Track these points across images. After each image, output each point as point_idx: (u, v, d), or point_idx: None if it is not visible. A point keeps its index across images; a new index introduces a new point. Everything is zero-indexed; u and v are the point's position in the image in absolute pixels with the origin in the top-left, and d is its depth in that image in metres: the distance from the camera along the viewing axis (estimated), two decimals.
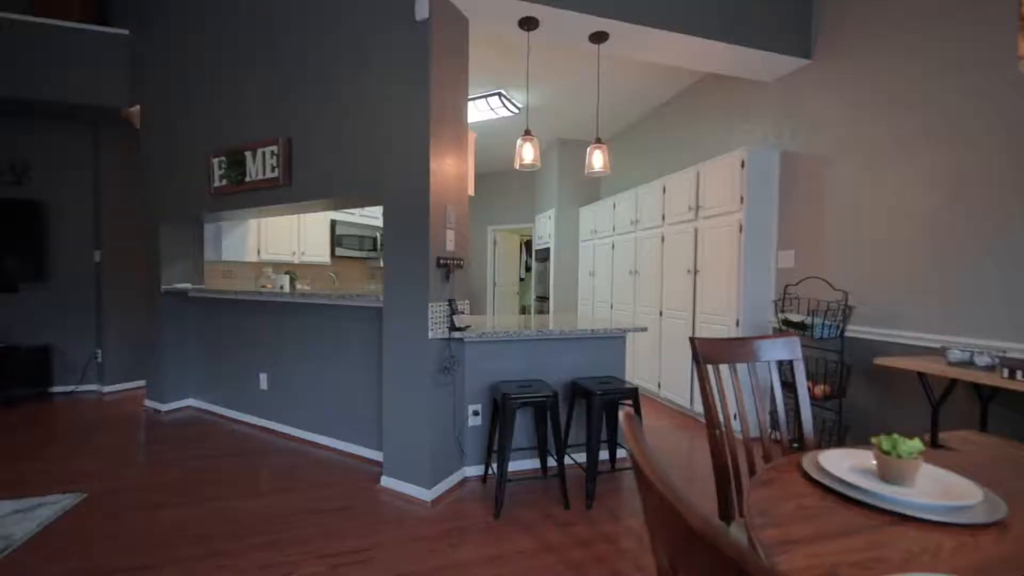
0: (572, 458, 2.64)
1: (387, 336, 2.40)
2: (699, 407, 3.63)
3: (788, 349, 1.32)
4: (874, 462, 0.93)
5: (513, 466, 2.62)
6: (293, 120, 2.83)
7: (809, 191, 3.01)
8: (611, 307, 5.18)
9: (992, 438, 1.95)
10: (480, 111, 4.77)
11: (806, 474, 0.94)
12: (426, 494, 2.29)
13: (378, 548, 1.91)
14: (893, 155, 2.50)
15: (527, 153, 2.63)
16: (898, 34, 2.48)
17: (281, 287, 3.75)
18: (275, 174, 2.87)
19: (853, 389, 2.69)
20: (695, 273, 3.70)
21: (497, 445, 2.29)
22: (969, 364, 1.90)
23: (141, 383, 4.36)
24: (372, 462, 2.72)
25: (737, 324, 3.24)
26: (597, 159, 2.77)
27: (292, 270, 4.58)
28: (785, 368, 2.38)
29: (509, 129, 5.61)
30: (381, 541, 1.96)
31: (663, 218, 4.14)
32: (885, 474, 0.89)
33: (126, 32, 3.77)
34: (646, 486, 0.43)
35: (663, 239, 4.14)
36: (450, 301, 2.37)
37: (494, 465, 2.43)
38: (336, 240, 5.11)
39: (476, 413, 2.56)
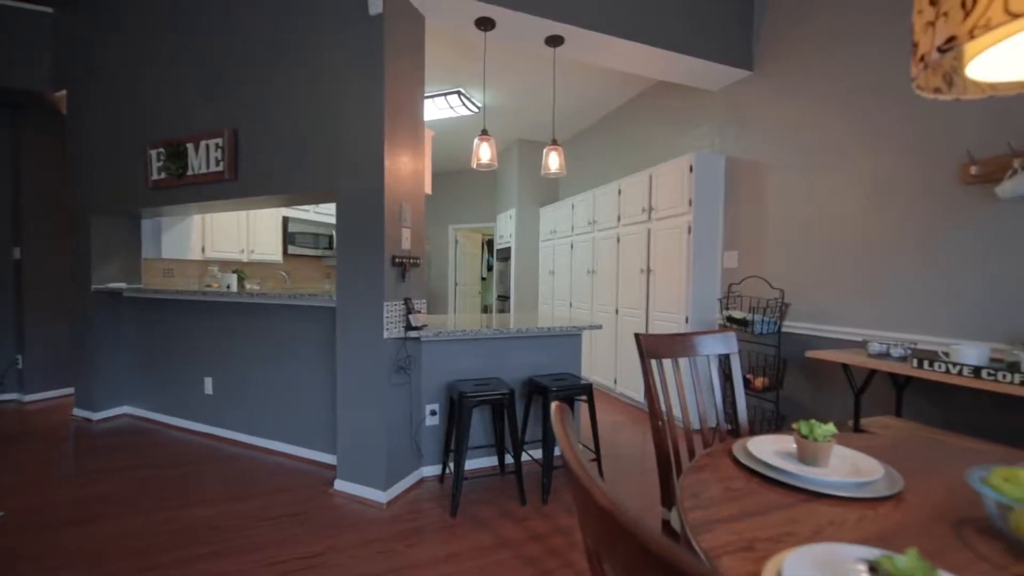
0: (529, 454, 2.68)
1: (341, 336, 2.35)
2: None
3: (724, 344, 1.40)
4: (795, 446, 1.01)
5: (471, 464, 2.64)
6: (240, 112, 2.71)
7: (751, 195, 3.20)
8: (570, 306, 5.28)
9: (906, 422, 2.16)
10: (439, 109, 4.74)
11: (736, 459, 1.02)
12: (381, 496, 2.26)
13: (331, 553, 1.87)
14: (824, 164, 2.70)
15: (484, 153, 2.65)
16: (825, 53, 2.68)
17: (228, 287, 3.58)
18: (220, 168, 2.74)
19: (789, 380, 2.89)
20: (648, 272, 3.84)
21: (454, 444, 2.30)
22: (886, 356, 2.09)
23: (69, 391, 4.03)
24: (326, 466, 2.66)
25: (686, 321, 3.40)
26: (553, 160, 2.82)
27: (241, 269, 4.38)
28: (725, 361, 2.52)
29: (470, 128, 5.60)
30: (334, 545, 1.92)
31: (619, 219, 4.27)
32: (803, 456, 0.97)
33: (50, 11, 3.47)
34: (570, 473, 0.46)
35: (619, 239, 4.28)
36: (406, 300, 2.35)
37: (452, 464, 2.44)
38: (289, 238, 4.93)
39: (434, 413, 2.56)
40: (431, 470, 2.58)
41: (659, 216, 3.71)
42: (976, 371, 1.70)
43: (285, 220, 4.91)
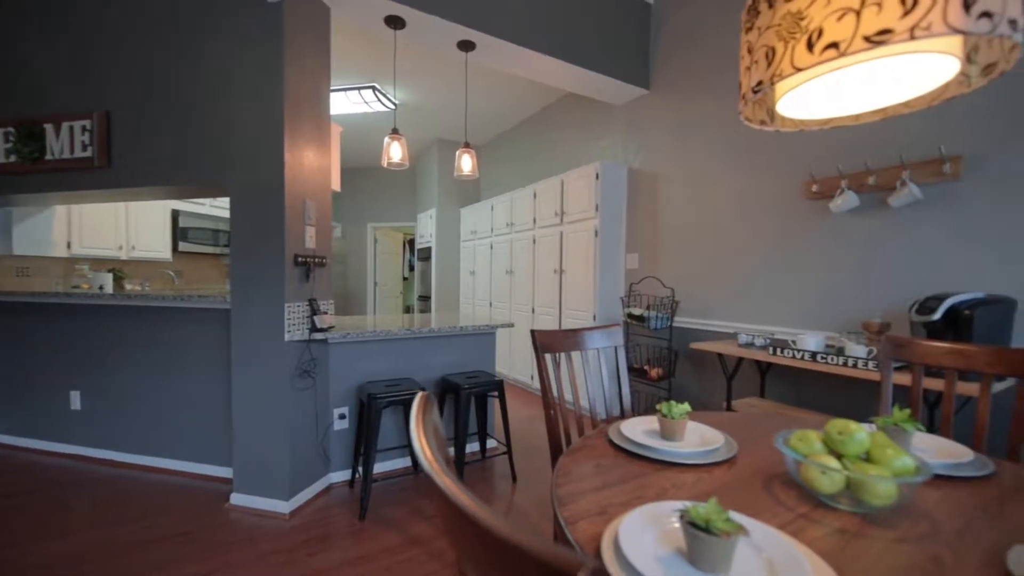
0: None
1: (237, 340, 2.20)
2: (566, 395, 3.98)
3: (608, 338, 1.55)
4: (659, 425, 1.16)
5: (383, 467, 2.61)
6: (115, 92, 2.42)
7: (648, 203, 3.51)
8: (491, 305, 5.38)
9: (767, 401, 2.51)
10: (353, 103, 4.58)
11: (610, 440, 1.14)
12: (284, 506, 2.16)
13: (225, 569, 1.76)
14: (705, 177, 3.04)
15: (395, 152, 2.63)
16: (706, 77, 3.03)
17: (101, 288, 3.16)
18: (88, 154, 2.42)
19: (680, 370, 3.21)
20: (561, 273, 4.04)
21: (364, 447, 2.26)
22: (751, 345, 2.42)
23: None
24: (222, 480, 2.47)
25: (594, 318, 3.64)
26: (466, 163, 2.88)
27: (118, 268, 3.89)
28: (621, 353, 2.73)
29: (390, 124, 5.47)
30: (229, 561, 1.81)
31: (534, 222, 4.44)
32: (664, 432, 1.12)
33: None
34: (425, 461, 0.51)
35: (535, 241, 4.44)
36: (311, 301, 2.26)
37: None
38: (180, 233, 4.46)
39: (343, 416, 2.48)
40: (340, 476, 2.51)
41: (570, 220, 3.92)
42: (813, 356, 2.04)
43: (175, 214, 4.44)
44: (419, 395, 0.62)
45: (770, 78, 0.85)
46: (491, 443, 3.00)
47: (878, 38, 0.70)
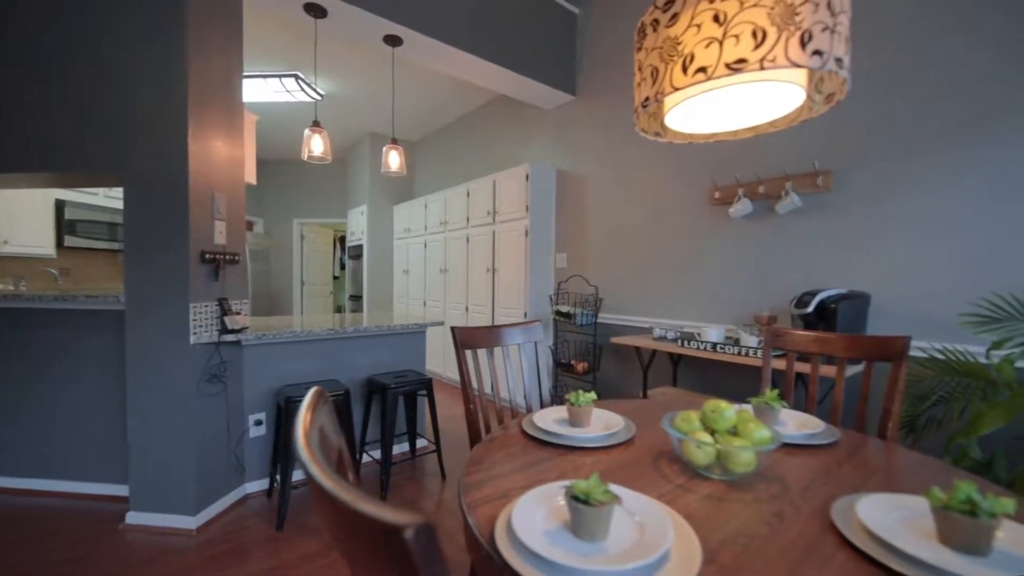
0: (370, 455, 2.65)
1: (133, 344, 2.01)
2: (512, 395, 4.04)
3: (527, 334, 1.61)
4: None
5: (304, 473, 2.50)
6: None
7: (575, 204, 3.66)
8: (425, 304, 5.32)
9: (678, 390, 2.73)
10: (275, 92, 4.32)
11: (523, 430, 1.20)
12: (190, 522, 2.01)
13: None
14: (624, 182, 3.24)
15: (316, 145, 2.53)
16: (624, 88, 3.22)
17: None
18: None
19: (604, 363, 3.39)
20: (494, 272, 4.10)
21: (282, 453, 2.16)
22: (664, 339, 2.62)
23: None
24: (118, 499, 2.24)
25: (525, 316, 3.73)
26: (393, 159, 2.83)
27: None
28: (542, 349, 2.82)
29: (320, 115, 5.22)
30: None
31: (468, 220, 4.46)
32: (572, 419, 1.19)
33: None
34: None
35: (468, 240, 4.46)
36: (221, 301, 2.12)
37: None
38: (66, 226, 3.96)
39: (259, 423, 2.35)
40: (257, 485, 2.37)
41: (502, 219, 3.99)
42: (714, 346, 2.25)
43: (59, 204, 3.93)
44: (312, 390, 0.63)
45: (655, 95, 0.94)
46: (422, 442, 2.98)
47: (736, 66, 0.81)
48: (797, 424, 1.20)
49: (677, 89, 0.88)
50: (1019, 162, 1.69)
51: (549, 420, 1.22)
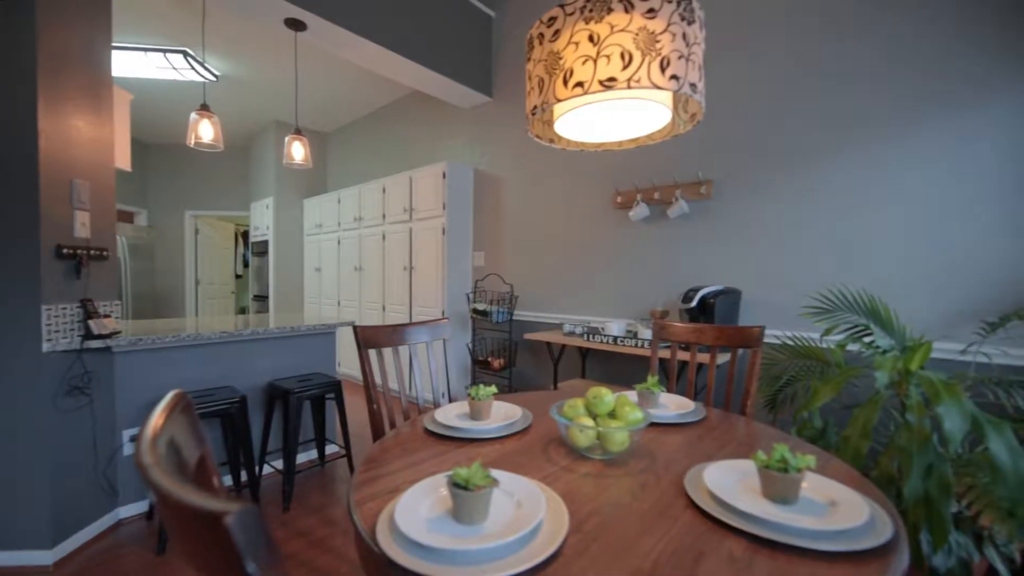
0: (272, 466, 2.49)
1: None
2: (419, 392, 3.99)
3: (433, 333, 1.63)
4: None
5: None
6: None
7: (492, 204, 3.73)
8: (339, 304, 5.08)
9: (586, 381, 2.89)
10: (158, 68, 3.85)
11: (424, 426, 1.21)
12: (46, 557, 1.74)
13: None
14: (539, 184, 3.36)
15: (205, 131, 2.31)
16: None
17: None
18: None
19: (520, 359, 3.49)
20: (411, 270, 4.03)
21: None
22: (572, 334, 2.76)
23: None
24: None
25: (443, 314, 3.72)
26: (297, 150, 2.67)
27: None
28: (450, 347, 2.84)
29: (214, 97, 4.75)
30: None
31: (384, 217, 4.33)
32: (473, 414, 1.23)
33: None
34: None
35: (384, 237, 4.34)
36: (84, 302, 1.86)
37: None
38: None
39: (135, 439, 2.10)
40: (135, 508, 2.12)
41: (419, 217, 3.93)
42: (615, 339, 2.43)
43: None
44: (171, 394, 0.59)
45: (542, 104, 1.00)
46: (332, 448, 2.86)
47: (608, 83, 0.89)
48: (674, 405, 1.35)
49: (560, 100, 0.95)
50: (855, 183, 2.03)
51: (451, 415, 1.24)
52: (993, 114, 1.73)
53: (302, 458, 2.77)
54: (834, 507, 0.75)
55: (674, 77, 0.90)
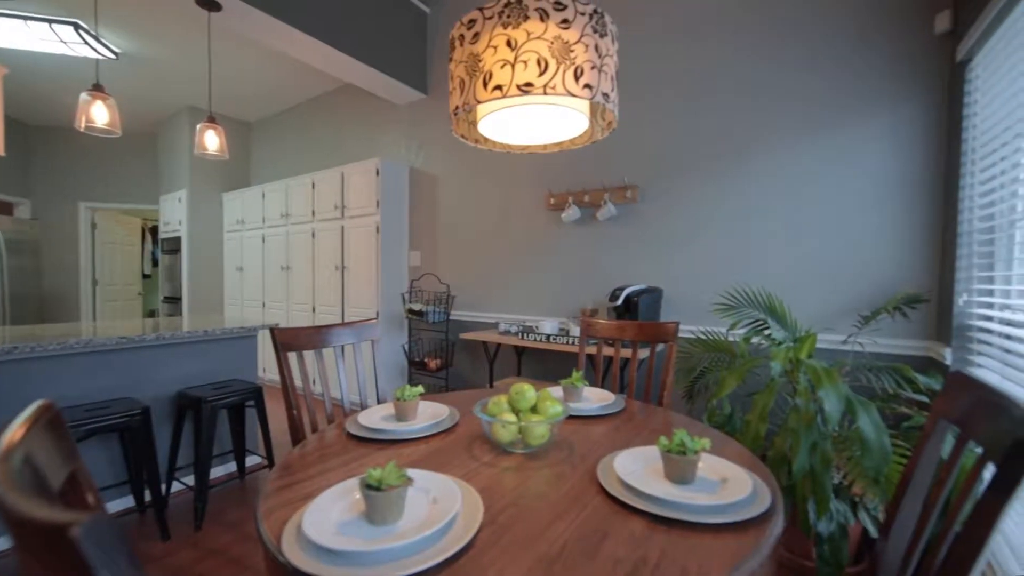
0: (183, 483, 2.29)
1: None
2: (345, 396, 3.84)
3: (359, 334, 1.58)
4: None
5: None
6: None
7: (429, 202, 3.68)
8: (264, 306, 4.76)
9: (522, 379, 2.94)
10: (43, 39, 3.39)
11: (346, 430, 1.17)
12: None
13: None
14: (476, 183, 3.37)
15: (98, 114, 2.07)
16: None
17: None
18: None
19: (457, 359, 3.48)
20: (343, 269, 3.88)
21: None
22: (508, 333, 2.80)
23: None
24: None
25: (377, 315, 3.61)
26: (210, 140, 2.48)
27: None
28: (379, 348, 2.78)
29: (120, 79, 4.26)
30: None
31: (313, 214, 4.13)
32: (398, 415, 1.21)
33: None
34: None
35: (314, 235, 4.13)
36: None
37: None
38: None
39: None
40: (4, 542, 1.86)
41: (351, 214, 3.79)
42: (548, 337, 2.49)
43: None
44: (34, 405, 0.53)
45: (463, 105, 1.01)
46: (254, 459, 2.68)
47: (525, 88, 0.92)
48: (597, 399, 1.41)
49: (480, 102, 0.97)
50: (755, 192, 2.24)
51: (375, 418, 1.22)
52: (861, 137, 1.99)
53: (219, 472, 2.57)
54: (725, 484, 0.83)
55: (588, 86, 0.95)
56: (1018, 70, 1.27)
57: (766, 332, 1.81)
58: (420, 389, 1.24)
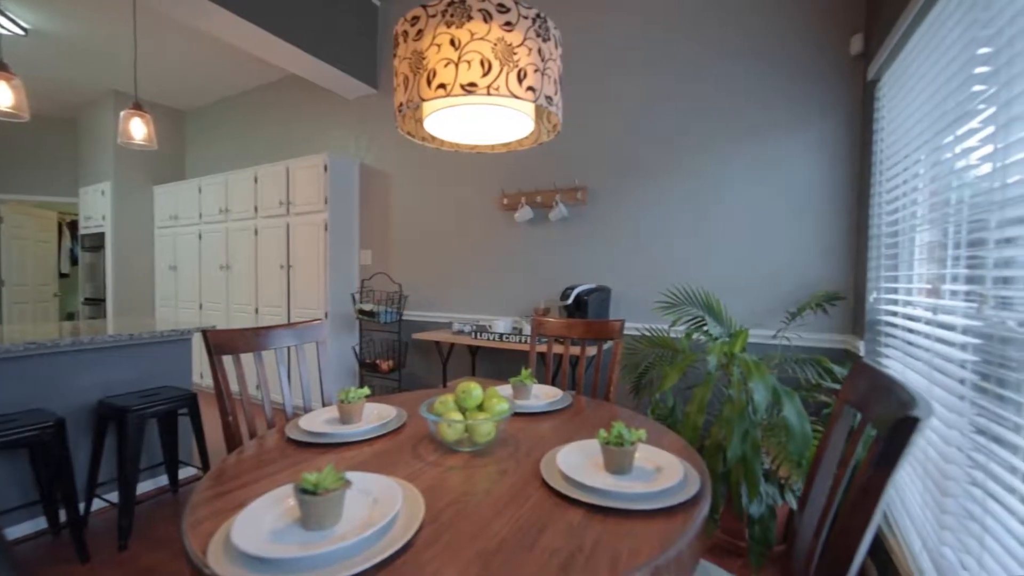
0: (106, 500, 2.11)
1: None
2: (288, 401, 3.68)
3: (302, 335, 1.52)
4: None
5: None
6: None
7: (380, 200, 3.60)
8: (200, 307, 4.47)
9: (476, 379, 2.94)
10: None
11: (286, 435, 1.13)
12: None
13: None
14: (429, 182, 3.33)
15: (1, 95, 1.87)
16: None
17: None
18: None
19: (410, 360, 3.43)
20: (289, 268, 3.71)
21: None
22: (461, 332, 2.79)
23: None
24: None
25: (326, 316, 3.49)
26: (136, 128, 2.29)
27: None
28: (323, 350, 2.70)
29: (30, 57, 3.84)
30: None
31: (256, 210, 3.92)
32: (342, 417, 1.18)
33: None
34: None
35: (257, 232, 3.93)
36: None
37: None
38: None
39: None
40: None
41: (297, 211, 3.64)
42: (501, 336, 2.51)
43: None
44: None
45: (407, 102, 1.00)
46: (189, 471, 2.51)
47: (469, 88, 0.92)
48: (545, 395, 1.44)
49: (424, 100, 0.96)
50: (695, 196, 2.37)
51: (318, 421, 1.18)
52: (790, 150, 2.15)
53: (148, 486, 2.39)
54: (659, 472, 0.87)
55: (531, 89, 0.97)
56: (916, 90, 1.42)
57: (704, 329, 1.92)
58: (366, 391, 1.22)
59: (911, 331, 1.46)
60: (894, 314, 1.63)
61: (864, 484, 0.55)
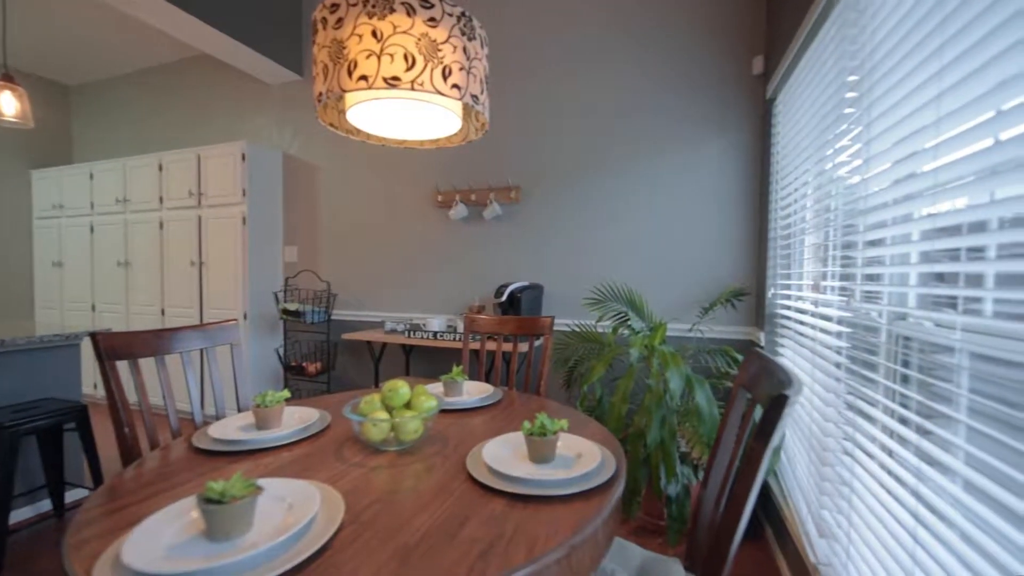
0: None
1: None
2: (208, 408, 3.39)
3: (212, 337, 1.41)
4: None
5: None
6: None
7: (307, 194, 3.41)
8: (93, 309, 3.97)
9: (410, 379, 2.89)
10: None
11: (193, 444, 1.04)
12: None
13: None
14: (360, 177, 3.21)
15: None
16: None
17: None
18: None
19: (340, 362, 3.29)
20: (201, 265, 3.40)
21: None
22: (394, 331, 2.73)
23: None
24: None
25: (245, 317, 3.24)
26: (7, 103, 1.98)
27: None
28: (238, 352, 2.55)
29: None
30: None
31: (161, 201, 3.55)
32: (259, 423, 1.11)
33: None
34: None
35: (163, 225, 3.56)
36: None
37: None
38: None
39: None
40: None
41: (210, 203, 3.34)
42: (435, 335, 2.49)
43: None
44: None
45: (327, 92, 0.97)
46: (78, 492, 2.23)
47: (392, 82, 0.91)
48: (477, 391, 1.45)
49: (345, 91, 0.93)
50: (621, 196, 2.49)
51: (231, 428, 1.11)
52: (702, 157, 2.34)
53: (28, 512, 2.09)
54: (579, 458, 0.92)
55: (456, 86, 0.97)
56: (803, 108, 1.60)
57: (628, 323, 2.03)
58: (285, 394, 1.16)
59: (800, 323, 1.65)
60: (788, 308, 1.83)
61: (748, 454, 0.62)
